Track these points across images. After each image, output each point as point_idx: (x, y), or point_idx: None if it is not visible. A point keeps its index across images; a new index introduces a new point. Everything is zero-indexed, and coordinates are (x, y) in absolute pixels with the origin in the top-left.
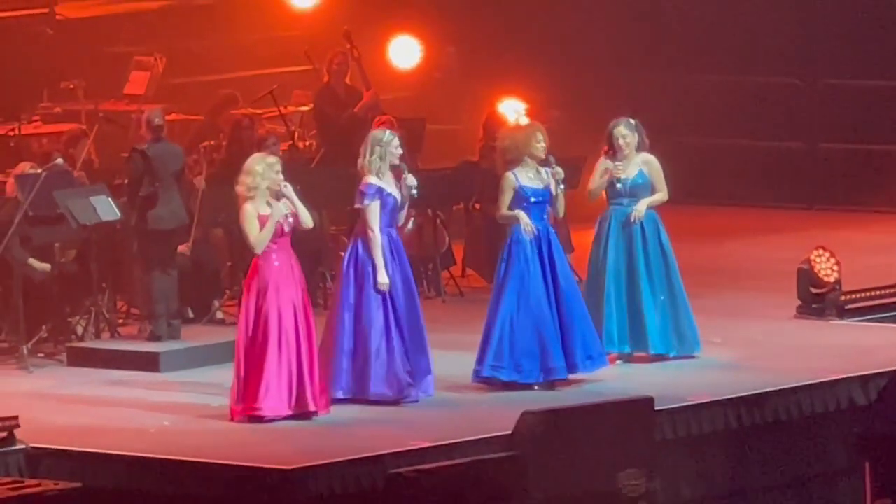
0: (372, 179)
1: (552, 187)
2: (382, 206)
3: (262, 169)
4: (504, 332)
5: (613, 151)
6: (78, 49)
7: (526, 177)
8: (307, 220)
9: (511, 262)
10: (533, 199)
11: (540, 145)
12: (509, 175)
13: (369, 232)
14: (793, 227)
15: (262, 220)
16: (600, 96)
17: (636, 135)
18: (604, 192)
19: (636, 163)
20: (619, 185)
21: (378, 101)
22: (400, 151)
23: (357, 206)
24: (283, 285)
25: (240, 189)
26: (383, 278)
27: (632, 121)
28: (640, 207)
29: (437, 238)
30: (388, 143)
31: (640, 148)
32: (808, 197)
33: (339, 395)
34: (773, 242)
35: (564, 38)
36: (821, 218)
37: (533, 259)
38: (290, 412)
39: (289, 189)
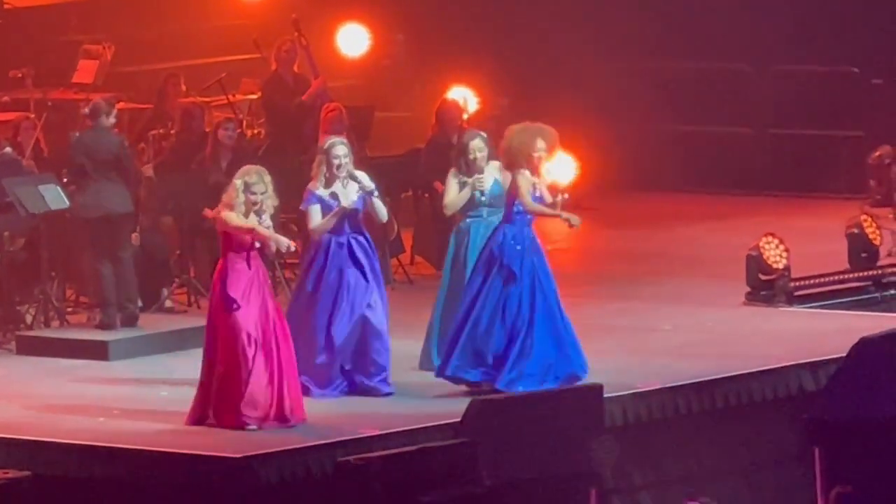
0: (311, 186)
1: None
2: (327, 212)
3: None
4: None
5: (467, 165)
6: (26, 38)
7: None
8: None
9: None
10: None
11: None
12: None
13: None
14: (742, 213)
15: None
16: (549, 85)
17: (487, 147)
18: None
19: (489, 172)
20: (482, 198)
21: (326, 88)
22: (342, 153)
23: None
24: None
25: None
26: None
27: (483, 134)
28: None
29: (386, 226)
30: (327, 150)
31: (489, 158)
32: (757, 183)
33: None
34: (722, 229)
35: (513, 25)
36: (769, 204)
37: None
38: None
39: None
